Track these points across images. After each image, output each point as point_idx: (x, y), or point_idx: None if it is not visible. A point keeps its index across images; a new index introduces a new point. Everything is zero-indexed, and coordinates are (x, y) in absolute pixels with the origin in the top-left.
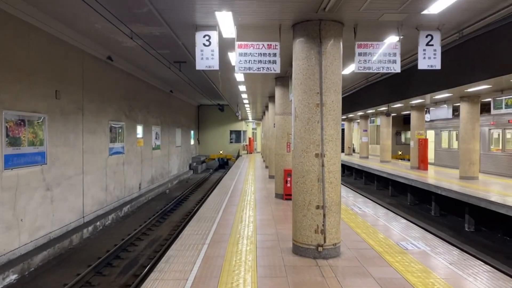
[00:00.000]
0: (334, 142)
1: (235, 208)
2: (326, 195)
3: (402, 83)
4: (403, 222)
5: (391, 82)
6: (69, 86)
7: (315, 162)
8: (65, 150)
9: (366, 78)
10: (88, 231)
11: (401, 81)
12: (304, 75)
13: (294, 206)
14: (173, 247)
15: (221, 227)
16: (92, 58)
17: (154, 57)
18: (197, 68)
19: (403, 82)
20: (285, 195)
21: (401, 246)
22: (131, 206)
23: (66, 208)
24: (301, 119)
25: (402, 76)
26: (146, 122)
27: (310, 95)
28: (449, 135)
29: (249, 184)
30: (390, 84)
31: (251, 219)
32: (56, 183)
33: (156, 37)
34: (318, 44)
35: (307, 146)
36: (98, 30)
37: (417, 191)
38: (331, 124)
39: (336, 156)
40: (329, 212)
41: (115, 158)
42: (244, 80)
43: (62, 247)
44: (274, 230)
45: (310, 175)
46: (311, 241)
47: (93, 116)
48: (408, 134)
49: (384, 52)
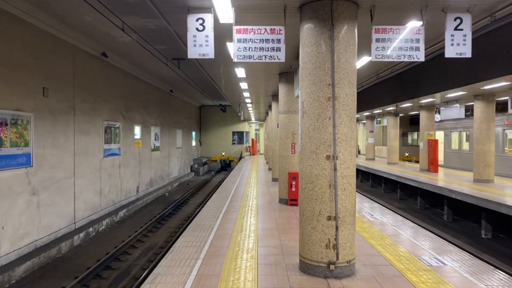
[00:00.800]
0: (348, 142)
1: (235, 215)
2: (339, 204)
3: (412, 81)
4: (421, 232)
5: (400, 80)
6: (58, 83)
7: (326, 166)
8: (54, 151)
9: (377, 74)
10: (79, 238)
11: (411, 79)
12: (313, 64)
13: (302, 216)
14: (162, 263)
15: (218, 237)
16: (85, 54)
17: (151, 54)
18: (189, 56)
19: (413, 79)
20: (289, 201)
21: (423, 262)
22: (128, 210)
23: (55, 213)
24: (309, 116)
25: (412, 73)
26: (145, 122)
27: (320, 87)
28: (459, 136)
29: (251, 187)
30: (399, 82)
31: (253, 228)
32: (43, 187)
33: (152, 31)
34: (329, 27)
35: (316, 146)
36: (89, 23)
37: (427, 195)
38: (345, 121)
39: (351, 159)
40: (343, 223)
41: (111, 160)
42: (246, 76)
43: (48, 256)
44: (278, 241)
45: (320, 181)
46: (321, 257)
47: (86, 116)
48: (415, 135)
49: (406, 37)
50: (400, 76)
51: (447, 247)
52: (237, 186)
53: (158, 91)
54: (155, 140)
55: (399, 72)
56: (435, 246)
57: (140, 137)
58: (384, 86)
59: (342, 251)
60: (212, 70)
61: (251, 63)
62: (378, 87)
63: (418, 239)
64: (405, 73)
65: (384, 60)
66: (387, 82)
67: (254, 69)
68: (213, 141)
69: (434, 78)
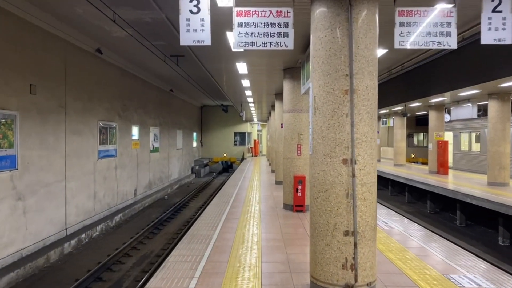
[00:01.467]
0: (369, 143)
1: (236, 223)
2: (357, 217)
3: (422, 78)
4: (444, 244)
5: (409, 78)
6: (47, 81)
7: (343, 171)
8: (43, 153)
9: (389, 70)
10: (71, 245)
11: (421, 77)
12: (327, 51)
13: (314, 230)
14: (150, 284)
15: (217, 251)
16: (78, 50)
17: (149, 50)
18: (181, 43)
19: (423, 77)
20: (295, 206)
21: (454, 282)
22: (124, 215)
23: (44, 219)
24: (322, 112)
25: (422, 70)
26: (143, 123)
27: (336, 78)
28: (469, 137)
29: (254, 191)
30: (408, 80)
31: (255, 238)
32: (31, 192)
33: (148, 25)
34: (347, 8)
35: (331, 148)
36: (80, 16)
37: (437, 198)
38: (365, 118)
39: (371, 163)
40: (362, 240)
41: (106, 162)
42: (248, 72)
43: (35, 266)
44: (284, 255)
45: (335, 189)
46: (336, 279)
47: (79, 115)
48: (421, 136)
49: (434, 21)
50: (409, 74)
51: (477, 262)
52: (239, 190)
53: (157, 91)
54: (154, 141)
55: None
56: (465, 262)
57: (138, 138)
58: (392, 85)
59: (361, 272)
60: (212, 66)
61: (253, 56)
62: (385, 85)
63: (442, 252)
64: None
65: (408, 48)
66: (395, 81)
67: (257, 64)
68: (214, 142)
69: (446, 75)
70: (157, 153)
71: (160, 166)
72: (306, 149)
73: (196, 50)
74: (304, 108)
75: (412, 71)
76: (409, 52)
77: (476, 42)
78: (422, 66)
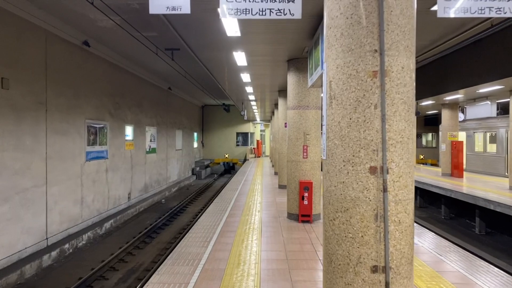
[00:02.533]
0: (406, 145)
1: (232, 238)
2: (391, 247)
3: (436, 74)
4: (491, 271)
5: (423, 74)
6: (24, 74)
7: (370, 184)
8: (18, 155)
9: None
10: (51, 257)
11: (436, 72)
12: (347, 18)
13: (329, 264)
14: None
15: (205, 276)
16: (61, 41)
17: (141, 42)
18: (151, 11)
19: (439, 73)
20: (300, 216)
21: None
22: (116, 221)
23: (19, 229)
24: (342, 102)
25: (438, 65)
26: (138, 122)
27: (361, 55)
28: (484, 137)
29: (255, 196)
30: (421, 76)
31: (253, 258)
32: (3, 199)
33: (137, 13)
34: None
35: (354, 152)
36: (61, 2)
37: (453, 203)
38: (400, 110)
39: (409, 172)
40: (397, 278)
41: (95, 164)
42: (247, 64)
43: (6, 283)
44: (289, 284)
45: (360, 208)
46: None
47: (63, 113)
48: (429, 136)
49: None
50: (422, 70)
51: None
52: (239, 195)
53: (154, 88)
54: (150, 142)
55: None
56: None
57: (132, 138)
58: None
59: None
60: (207, 56)
61: (252, 44)
62: None
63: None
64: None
65: (454, 17)
66: None
67: (257, 53)
68: (216, 143)
69: (465, 70)
70: (154, 154)
71: (157, 168)
72: (314, 151)
73: (186, 37)
74: (311, 104)
75: (426, 67)
76: (424, 44)
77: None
78: (437, 60)
